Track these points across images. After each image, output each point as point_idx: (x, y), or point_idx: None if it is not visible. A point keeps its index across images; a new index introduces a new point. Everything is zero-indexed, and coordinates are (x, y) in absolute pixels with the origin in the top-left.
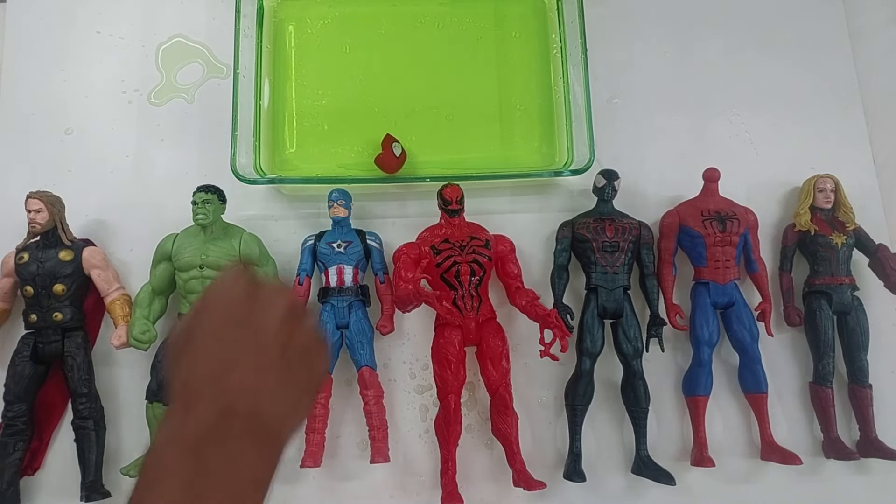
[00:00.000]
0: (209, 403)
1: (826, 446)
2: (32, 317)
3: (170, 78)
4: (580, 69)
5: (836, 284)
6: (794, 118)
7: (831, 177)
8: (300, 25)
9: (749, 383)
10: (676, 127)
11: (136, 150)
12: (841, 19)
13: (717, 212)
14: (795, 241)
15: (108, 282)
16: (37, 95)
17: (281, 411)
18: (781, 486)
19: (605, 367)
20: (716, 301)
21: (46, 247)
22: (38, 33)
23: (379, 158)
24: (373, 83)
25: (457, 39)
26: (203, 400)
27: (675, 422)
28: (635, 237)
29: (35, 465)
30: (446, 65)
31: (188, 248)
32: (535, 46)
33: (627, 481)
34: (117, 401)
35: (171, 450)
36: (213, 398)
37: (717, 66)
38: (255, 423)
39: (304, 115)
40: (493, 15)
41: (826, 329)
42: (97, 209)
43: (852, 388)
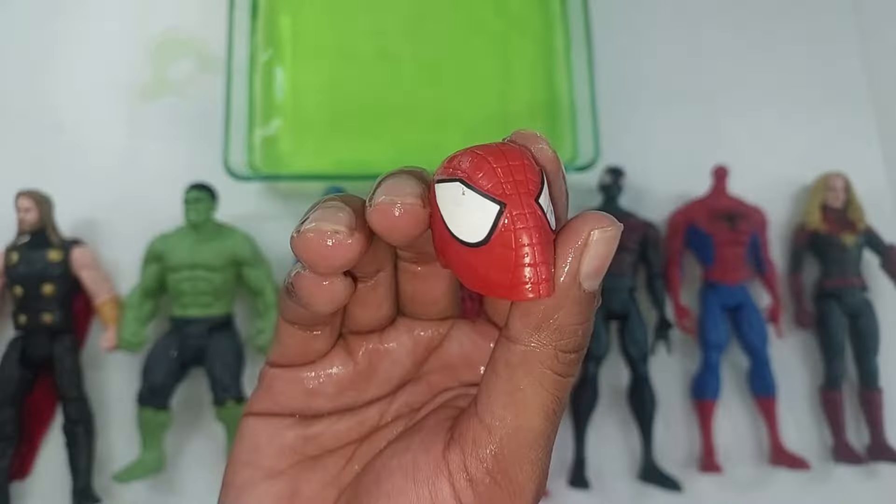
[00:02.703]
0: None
1: (835, 451)
2: (21, 318)
3: (162, 73)
4: (585, 63)
5: (846, 286)
6: (803, 116)
7: (842, 175)
8: (296, 18)
9: (758, 387)
10: (684, 123)
11: (126, 147)
12: (850, 15)
13: (726, 211)
14: (806, 242)
15: (98, 283)
16: (25, 92)
17: None
18: (790, 492)
19: (610, 370)
20: (725, 302)
21: (35, 247)
22: (26, 28)
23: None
24: (371, 78)
25: (458, 33)
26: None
27: (683, 427)
28: (642, 237)
29: (24, 470)
30: (447, 58)
31: (179, 249)
32: (539, 39)
33: (633, 488)
34: (107, 405)
35: None
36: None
37: (724, 62)
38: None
39: (299, 111)
40: (494, 8)
41: (836, 331)
42: (87, 208)
43: (862, 392)
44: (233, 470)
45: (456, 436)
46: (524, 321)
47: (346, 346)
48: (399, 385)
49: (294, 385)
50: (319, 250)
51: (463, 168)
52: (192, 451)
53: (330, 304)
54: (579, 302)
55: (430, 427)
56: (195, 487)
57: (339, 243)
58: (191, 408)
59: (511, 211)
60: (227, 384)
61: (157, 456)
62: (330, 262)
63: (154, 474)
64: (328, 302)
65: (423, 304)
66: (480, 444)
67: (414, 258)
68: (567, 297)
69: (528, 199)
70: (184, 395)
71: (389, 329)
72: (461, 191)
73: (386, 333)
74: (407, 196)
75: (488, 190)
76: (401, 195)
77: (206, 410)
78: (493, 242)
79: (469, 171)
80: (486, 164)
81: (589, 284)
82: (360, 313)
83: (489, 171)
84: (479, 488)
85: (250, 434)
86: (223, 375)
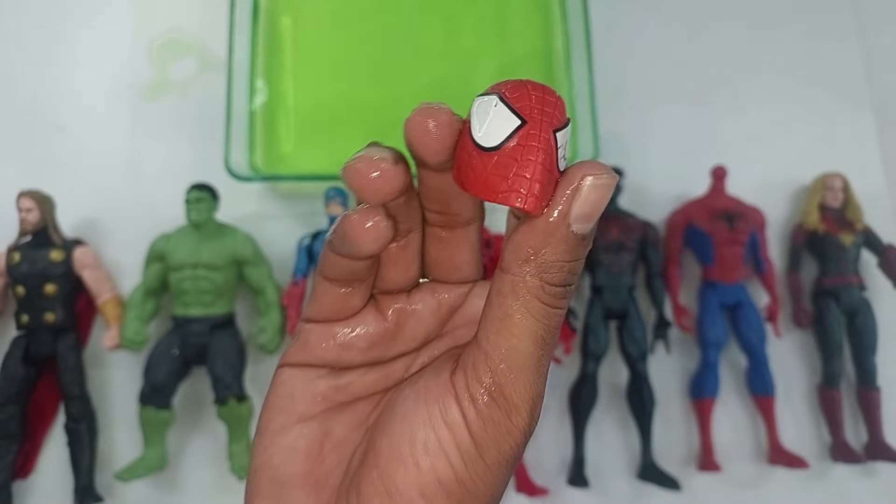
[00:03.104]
0: None
1: (834, 450)
2: (24, 318)
3: (163, 73)
4: (584, 63)
5: (844, 285)
6: (802, 116)
7: (840, 175)
8: (297, 18)
9: (756, 386)
10: (683, 123)
11: (128, 148)
12: (850, 15)
13: (724, 210)
14: (804, 241)
15: (100, 282)
16: (27, 92)
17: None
18: (789, 491)
19: (609, 369)
20: (723, 301)
21: (37, 247)
22: (28, 28)
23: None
24: (372, 77)
25: (458, 32)
26: None
27: (681, 425)
28: (641, 236)
29: (27, 468)
30: (447, 58)
31: (181, 248)
32: (538, 39)
33: (632, 486)
34: (110, 403)
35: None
36: None
37: (724, 62)
38: None
39: (300, 111)
40: (495, 7)
41: (834, 330)
42: (88, 208)
43: (860, 391)
44: (268, 416)
45: (460, 362)
46: (514, 254)
47: (377, 306)
48: (424, 342)
49: (328, 339)
50: (368, 178)
51: (504, 87)
52: (193, 450)
53: (375, 243)
54: (566, 241)
55: (441, 360)
56: (197, 485)
57: (385, 171)
58: (193, 406)
59: (529, 129)
60: (229, 382)
61: (159, 454)
62: (378, 188)
63: (156, 472)
64: (374, 240)
65: (447, 269)
66: (479, 366)
67: (441, 221)
68: (554, 235)
69: (548, 127)
70: (186, 393)
71: (415, 291)
72: (494, 102)
73: (412, 295)
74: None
75: (518, 108)
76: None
77: (207, 409)
78: (502, 151)
79: (507, 90)
80: (525, 88)
81: (578, 227)
82: (391, 272)
83: (524, 94)
84: (479, 406)
85: (285, 383)
86: (225, 374)
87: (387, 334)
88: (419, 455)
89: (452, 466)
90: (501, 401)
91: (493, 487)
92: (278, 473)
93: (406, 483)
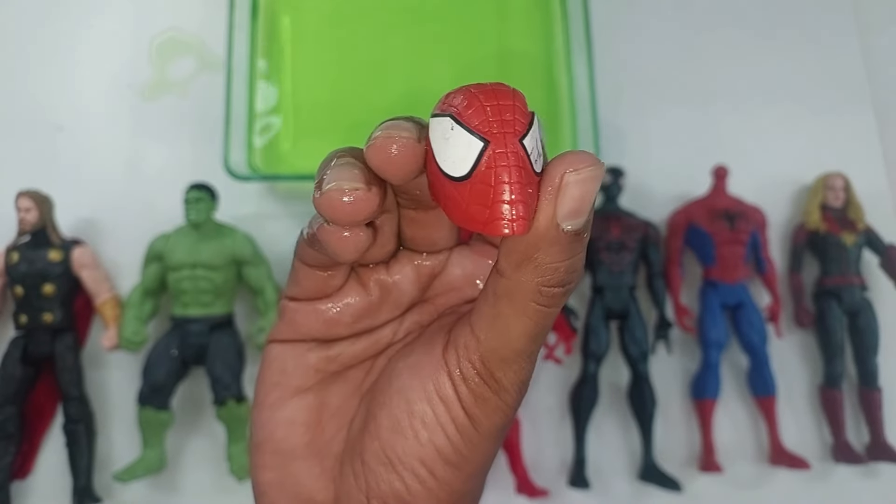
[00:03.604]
0: None
1: (835, 450)
2: (22, 318)
3: (162, 73)
4: (584, 62)
5: (846, 285)
6: (803, 115)
7: (842, 175)
8: (296, 17)
9: (758, 386)
10: (684, 123)
11: (127, 147)
12: (851, 15)
13: (725, 210)
14: (805, 241)
15: (99, 282)
16: (25, 91)
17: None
18: (790, 491)
19: (610, 370)
20: (725, 301)
21: (36, 247)
22: (26, 27)
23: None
24: (371, 77)
25: (458, 32)
26: None
27: (683, 426)
28: (642, 236)
29: (25, 469)
30: (447, 58)
31: (180, 248)
32: (538, 38)
33: (633, 487)
34: (108, 404)
35: None
36: None
37: (724, 62)
38: None
39: (300, 111)
40: (495, 7)
41: (836, 330)
42: (87, 208)
43: (862, 391)
44: (263, 391)
45: (452, 338)
46: (508, 258)
47: (359, 279)
48: (408, 307)
49: (314, 316)
50: (343, 207)
51: (455, 104)
52: (192, 451)
53: (355, 253)
54: (558, 242)
55: (431, 331)
56: (196, 486)
57: (359, 199)
58: (191, 407)
59: (494, 149)
60: (228, 383)
61: (157, 455)
62: (353, 217)
63: (155, 473)
64: (353, 251)
65: (423, 245)
66: (471, 349)
67: (412, 205)
68: (544, 239)
69: (513, 139)
70: (184, 394)
71: (393, 262)
72: (451, 126)
73: (392, 266)
74: (403, 131)
75: (475, 127)
76: (397, 130)
77: (206, 409)
78: (474, 178)
79: (460, 108)
80: (477, 101)
81: (569, 225)
82: (369, 251)
83: (478, 109)
84: (470, 384)
85: (276, 359)
86: (224, 374)
87: (371, 306)
88: (418, 428)
89: (449, 438)
90: (492, 383)
91: (486, 452)
92: (281, 446)
93: (407, 453)
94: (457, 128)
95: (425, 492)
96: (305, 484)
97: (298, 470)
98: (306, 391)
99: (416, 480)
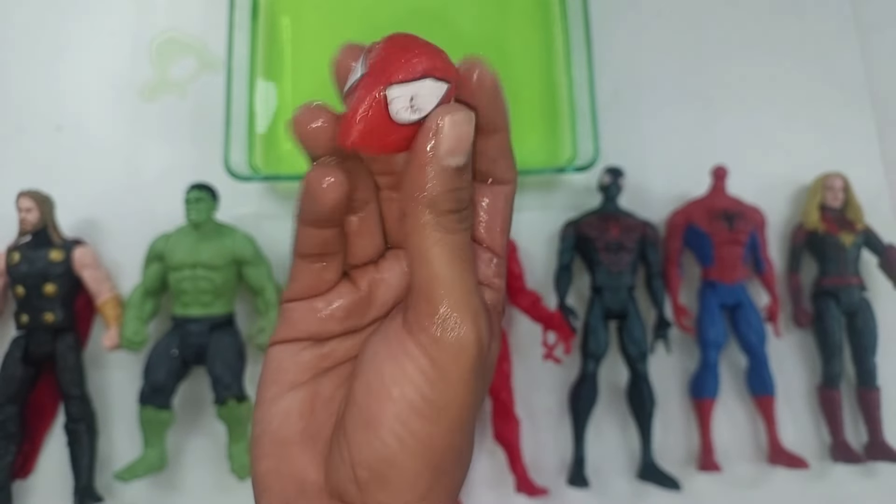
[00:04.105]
0: None
1: (834, 450)
2: (24, 318)
3: (163, 73)
4: (584, 63)
5: (844, 285)
6: (802, 115)
7: (840, 175)
8: (296, 18)
9: (756, 386)
10: (683, 124)
11: (127, 147)
12: (850, 15)
13: (724, 210)
14: (804, 241)
15: (100, 282)
16: (27, 92)
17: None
18: (789, 491)
19: (609, 370)
20: (723, 301)
21: (37, 246)
22: (28, 28)
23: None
24: None
25: (457, 32)
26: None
27: (681, 426)
28: (641, 236)
29: (27, 468)
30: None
31: (180, 248)
32: (538, 38)
33: (632, 487)
34: (109, 403)
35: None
36: None
37: (724, 62)
38: None
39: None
40: (494, 7)
41: (835, 330)
42: (88, 208)
43: (860, 391)
44: (263, 388)
45: (407, 302)
46: (406, 196)
47: (351, 279)
48: (394, 305)
49: (309, 314)
50: (309, 128)
51: (374, 46)
52: (193, 450)
53: (334, 193)
54: (445, 173)
55: (397, 307)
56: (197, 486)
57: (327, 122)
58: (192, 406)
59: (367, 79)
60: (228, 383)
61: (158, 454)
62: (318, 136)
63: (155, 473)
64: (333, 191)
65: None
66: (417, 300)
67: (391, 182)
68: (432, 169)
69: (383, 78)
70: (185, 393)
71: (382, 261)
72: (361, 61)
73: (380, 265)
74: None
75: (369, 62)
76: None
77: (207, 409)
78: (347, 97)
79: (372, 49)
80: (385, 46)
81: (451, 160)
82: (358, 245)
83: (378, 52)
84: (429, 332)
85: (275, 359)
86: (224, 374)
87: (361, 303)
88: (389, 386)
89: (419, 390)
90: (442, 321)
91: (461, 402)
92: (277, 435)
93: (381, 411)
94: (361, 63)
95: (406, 450)
96: (299, 467)
97: (293, 455)
98: (300, 386)
99: (395, 438)
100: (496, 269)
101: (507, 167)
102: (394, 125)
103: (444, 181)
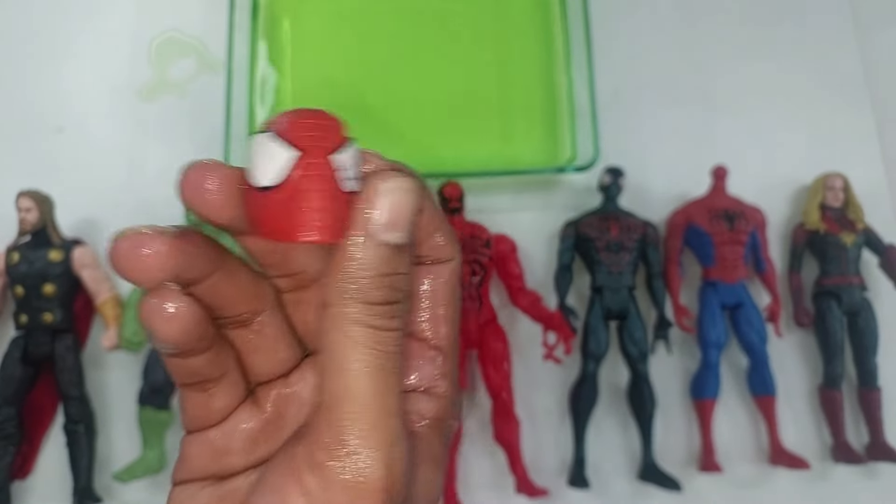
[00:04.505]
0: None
1: (835, 450)
2: (23, 318)
3: (162, 73)
4: (584, 62)
5: (845, 285)
6: (802, 115)
7: (841, 175)
8: (296, 19)
9: (757, 386)
10: (683, 124)
11: (127, 148)
12: (850, 15)
13: (724, 210)
14: (805, 241)
15: (99, 282)
16: (26, 91)
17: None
18: (790, 491)
19: (609, 370)
20: (724, 301)
21: (36, 246)
22: (27, 28)
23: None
24: (370, 78)
25: (457, 33)
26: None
27: (682, 426)
28: (641, 236)
29: (26, 469)
30: (446, 59)
31: None
32: (538, 38)
33: (633, 487)
34: (109, 404)
35: None
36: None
37: (724, 63)
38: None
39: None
40: (494, 7)
41: (836, 330)
42: (88, 208)
43: (861, 391)
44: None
45: (301, 427)
46: (331, 285)
47: (254, 399)
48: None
49: (203, 447)
50: (138, 256)
51: (278, 121)
52: None
53: (179, 323)
54: (378, 255)
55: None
56: None
57: (160, 249)
58: None
59: (305, 160)
60: None
61: (157, 455)
62: (149, 268)
63: (155, 474)
64: (177, 320)
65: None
66: (319, 424)
67: (291, 284)
68: (362, 251)
69: (323, 154)
70: None
71: (294, 371)
72: (268, 139)
73: (290, 377)
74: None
75: (290, 140)
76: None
77: None
78: (282, 186)
79: (280, 124)
80: (297, 119)
81: (388, 237)
82: (257, 361)
83: (296, 125)
84: (323, 472)
85: (173, 501)
86: None
87: (268, 427)
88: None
89: None
90: (344, 456)
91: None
92: None
93: None
94: (274, 141)
95: None
96: None
97: None
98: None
99: None
100: (442, 369)
101: (446, 240)
102: (346, 202)
103: (378, 263)
